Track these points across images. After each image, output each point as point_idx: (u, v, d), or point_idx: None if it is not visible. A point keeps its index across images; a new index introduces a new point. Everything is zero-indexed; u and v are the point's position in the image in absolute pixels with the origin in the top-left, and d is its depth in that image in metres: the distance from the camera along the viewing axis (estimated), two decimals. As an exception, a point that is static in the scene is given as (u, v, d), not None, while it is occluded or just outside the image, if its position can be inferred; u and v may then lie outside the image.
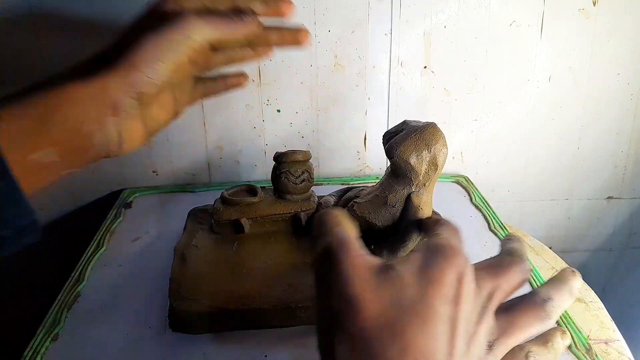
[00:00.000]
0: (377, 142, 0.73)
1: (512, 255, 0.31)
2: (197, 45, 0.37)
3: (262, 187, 0.55)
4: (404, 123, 0.47)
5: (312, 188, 0.54)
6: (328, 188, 0.64)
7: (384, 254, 0.45)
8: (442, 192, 0.67)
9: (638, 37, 0.70)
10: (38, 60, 0.64)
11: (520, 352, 0.30)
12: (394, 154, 0.44)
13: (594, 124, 0.75)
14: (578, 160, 0.77)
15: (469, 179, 0.72)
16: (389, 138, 0.46)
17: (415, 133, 0.44)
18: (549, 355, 0.30)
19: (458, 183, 0.71)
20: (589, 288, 0.56)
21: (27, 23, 0.62)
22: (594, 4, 0.68)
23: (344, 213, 0.31)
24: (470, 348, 0.26)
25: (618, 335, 0.49)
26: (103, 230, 0.59)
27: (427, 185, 0.45)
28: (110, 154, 0.37)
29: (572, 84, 0.73)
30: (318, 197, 0.54)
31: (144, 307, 0.46)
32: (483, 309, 0.28)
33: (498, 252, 0.33)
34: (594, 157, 0.77)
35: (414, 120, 0.47)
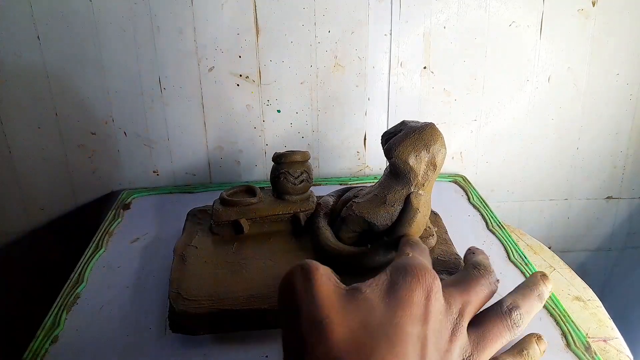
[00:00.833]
0: (376, 142, 0.73)
1: (478, 269, 0.31)
2: None
3: (261, 187, 0.55)
4: (403, 123, 0.47)
5: (311, 188, 0.54)
6: (327, 188, 0.64)
7: (380, 252, 0.46)
8: (440, 191, 0.67)
9: (637, 37, 0.71)
10: (38, 60, 0.64)
11: None
12: (393, 155, 0.44)
13: (593, 124, 0.75)
14: (577, 160, 0.77)
15: (467, 179, 0.72)
16: (388, 138, 0.46)
17: (414, 133, 0.44)
18: None
19: (456, 182, 0.71)
20: (588, 287, 0.56)
21: (27, 23, 0.62)
22: (594, 5, 0.68)
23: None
24: None
25: (617, 333, 0.49)
26: (102, 232, 0.59)
27: (425, 185, 0.45)
28: None
29: (571, 84, 0.73)
30: (317, 197, 0.54)
31: (144, 308, 0.46)
32: (455, 326, 0.28)
33: (463, 266, 0.33)
34: (593, 157, 0.77)
35: (413, 121, 0.47)
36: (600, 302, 0.54)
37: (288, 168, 0.51)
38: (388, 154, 0.45)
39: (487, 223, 0.60)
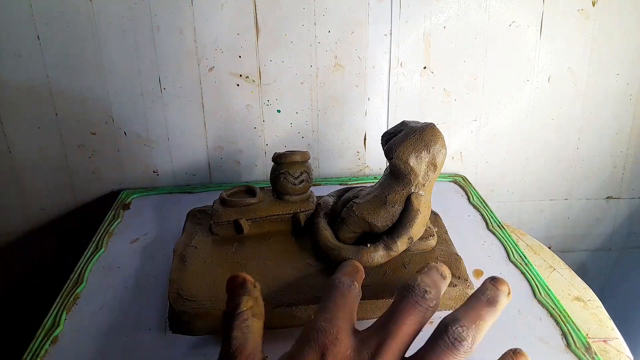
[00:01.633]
0: (376, 142, 0.73)
1: (403, 294, 0.29)
2: None
3: (261, 187, 0.55)
4: (403, 124, 0.47)
5: (311, 188, 0.54)
6: (327, 188, 0.64)
7: (381, 250, 0.45)
8: (440, 191, 0.67)
9: (637, 37, 0.71)
10: (38, 60, 0.64)
11: None
12: (393, 155, 0.44)
13: (593, 124, 0.75)
14: (577, 160, 0.77)
15: (467, 179, 0.72)
16: (388, 139, 0.46)
17: (415, 134, 0.44)
18: None
19: (456, 182, 0.71)
20: (588, 287, 0.56)
21: (27, 23, 0.62)
22: (594, 5, 0.68)
23: (253, 311, 0.31)
24: None
25: (617, 334, 0.49)
26: (102, 232, 0.59)
27: (426, 186, 0.45)
28: None
29: (571, 84, 0.73)
30: (317, 197, 0.54)
31: (144, 308, 0.46)
32: None
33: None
34: (593, 157, 0.77)
35: (413, 121, 0.47)
36: (600, 302, 0.54)
37: (288, 168, 0.51)
38: (388, 155, 0.45)
39: (487, 223, 0.60)
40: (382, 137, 0.48)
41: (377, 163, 0.75)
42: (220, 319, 0.31)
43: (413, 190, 0.45)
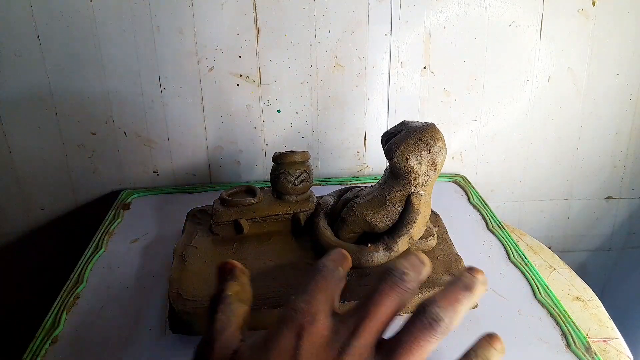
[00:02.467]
0: (376, 142, 0.73)
1: (383, 278, 0.29)
2: None
3: (261, 187, 0.55)
4: (403, 124, 0.47)
5: (311, 188, 0.54)
6: (327, 188, 0.64)
7: (381, 252, 0.45)
8: (440, 191, 0.67)
9: (637, 37, 0.70)
10: (38, 60, 0.64)
11: None
12: (394, 155, 0.44)
13: (593, 124, 0.75)
14: (577, 161, 0.77)
15: (467, 179, 0.72)
16: (388, 139, 0.46)
17: (415, 134, 0.44)
18: None
19: (456, 182, 0.71)
20: (588, 287, 0.56)
21: (27, 23, 0.62)
22: (594, 5, 0.68)
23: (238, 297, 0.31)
24: None
25: (617, 334, 0.49)
26: (102, 232, 0.59)
27: (426, 186, 0.45)
28: None
29: (571, 84, 0.73)
30: (317, 197, 0.54)
31: (144, 308, 0.46)
32: (342, 348, 0.27)
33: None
34: (593, 157, 0.77)
35: (413, 121, 0.47)
36: (600, 302, 0.54)
37: (288, 168, 0.51)
38: (388, 155, 0.45)
39: (487, 223, 0.60)
40: (382, 137, 0.48)
41: (377, 163, 0.75)
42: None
43: (413, 190, 0.45)
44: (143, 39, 0.65)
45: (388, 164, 0.46)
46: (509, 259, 0.53)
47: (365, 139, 0.73)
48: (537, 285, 0.49)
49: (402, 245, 0.45)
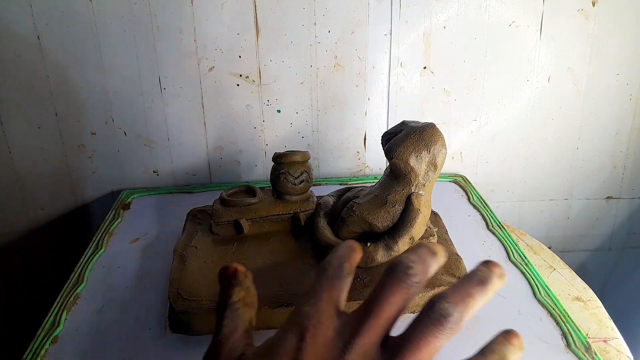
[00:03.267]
0: (376, 142, 0.73)
1: (387, 273, 0.28)
2: None
3: (261, 187, 0.55)
4: (403, 124, 0.47)
5: (311, 188, 0.54)
6: (327, 188, 0.64)
7: (381, 251, 0.45)
8: (440, 191, 0.67)
9: (637, 37, 0.70)
10: (38, 60, 0.64)
11: None
12: (394, 155, 0.44)
13: (593, 124, 0.75)
14: (577, 161, 0.77)
15: (467, 179, 0.72)
16: (388, 139, 0.46)
17: (415, 134, 0.44)
18: None
19: (456, 182, 0.71)
20: (588, 287, 0.56)
21: (27, 23, 0.62)
22: (593, 5, 0.68)
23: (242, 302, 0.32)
24: None
25: (617, 334, 0.49)
26: (102, 232, 0.59)
27: (426, 186, 0.45)
28: None
29: (571, 84, 0.73)
30: (317, 197, 0.54)
31: (144, 308, 0.46)
32: (346, 346, 0.27)
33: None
34: (593, 157, 0.77)
35: (413, 121, 0.47)
36: (600, 302, 0.54)
37: (288, 168, 0.51)
38: (389, 155, 0.45)
39: (487, 223, 0.60)
40: (382, 137, 0.48)
41: (377, 163, 0.75)
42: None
43: (413, 190, 0.45)
44: (143, 39, 0.65)
45: (388, 164, 0.46)
46: (509, 259, 0.53)
47: (365, 139, 0.73)
48: (537, 285, 0.49)
49: (402, 246, 0.45)
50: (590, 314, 0.52)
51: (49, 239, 0.74)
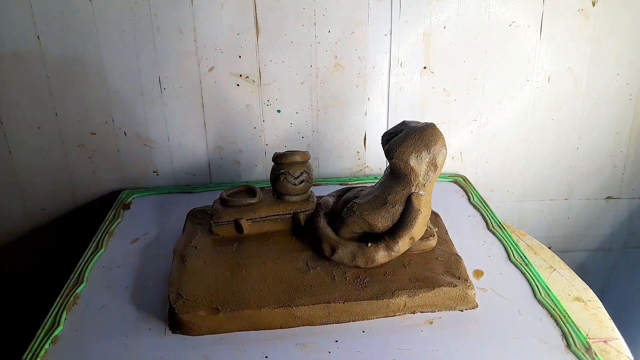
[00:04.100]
0: (376, 142, 0.73)
1: None
2: None
3: (261, 187, 0.55)
4: (403, 124, 0.47)
5: (311, 188, 0.54)
6: (327, 188, 0.64)
7: (381, 250, 0.45)
8: (440, 191, 0.67)
9: (637, 37, 0.70)
10: (38, 60, 0.64)
11: None
12: (394, 155, 0.44)
13: (593, 124, 0.75)
14: (577, 161, 0.77)
15: (467, 179, 0.72)
16: (388, 139, 0.46)
17: (415, 134, 0.44)
18: None
19: (456, 182, 0.71)
20: (588, 287, 0.56)
21: (27, 23, 0.62)
22: (593, 5, 0.68)
23: None
24: None
25: (617, 334, 0.49)
26: (102, 232, 0.59)
27: (426, 186, 0.45)
28: None
29: (571, 85, 0.73)
30: (317, 197, 0.54)
31: (144, 308, 0.46)
32: None
33: None
34: (593, 157, 0.77)
35: (413, 121, 0.47)
36: (601, 302, 0.54)
37: (288, 168, 0.51)
38: (389, 155, 0.45)
39: (487, 223, 0.60)
40: (382, 137, 0.48)
41: (377, 163, 0.75)
42: (220, 319, 0.31)
43: (413, 191, 0.45)
44: (143, 39, 0.65)
45: (388, 164, 0.46)
46: (509, 259, 0.53)
47: (365, 139, 0.73)
48: (537, 286, 0.49)
49: (402, 246, 0.45)
50: (591, 315, 0.52)
51: (49, 239, 0.74)
